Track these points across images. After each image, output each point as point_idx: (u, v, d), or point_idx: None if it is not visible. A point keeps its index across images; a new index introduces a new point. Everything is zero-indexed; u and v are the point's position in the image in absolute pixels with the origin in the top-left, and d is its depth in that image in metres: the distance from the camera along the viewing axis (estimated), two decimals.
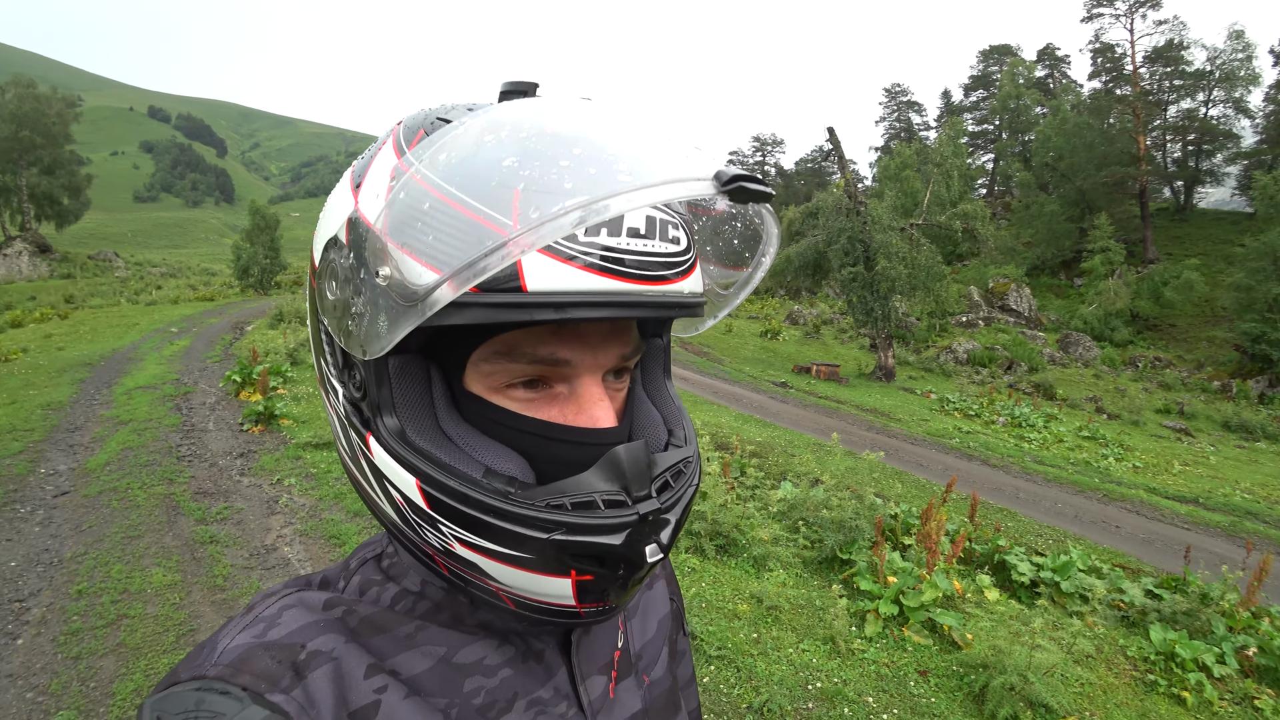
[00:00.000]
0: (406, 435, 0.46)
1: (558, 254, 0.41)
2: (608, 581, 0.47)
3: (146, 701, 0.43)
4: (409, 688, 0.49)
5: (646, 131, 0.43)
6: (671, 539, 0.48)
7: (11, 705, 2.96)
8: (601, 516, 0.45)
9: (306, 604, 0.51)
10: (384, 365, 0.46)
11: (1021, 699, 3.13)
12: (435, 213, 0.39)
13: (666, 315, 0.47)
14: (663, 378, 0.63)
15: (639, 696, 0.63)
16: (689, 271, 0.48)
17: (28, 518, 4.88)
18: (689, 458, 0.54)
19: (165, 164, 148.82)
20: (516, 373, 0.48)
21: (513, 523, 0.44)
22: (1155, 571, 5.65)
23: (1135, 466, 11.23)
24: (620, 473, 0.46)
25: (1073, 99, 37.93)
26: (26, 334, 16.24)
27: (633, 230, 0.43)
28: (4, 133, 35.86)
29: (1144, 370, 23.21)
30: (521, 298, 0.40)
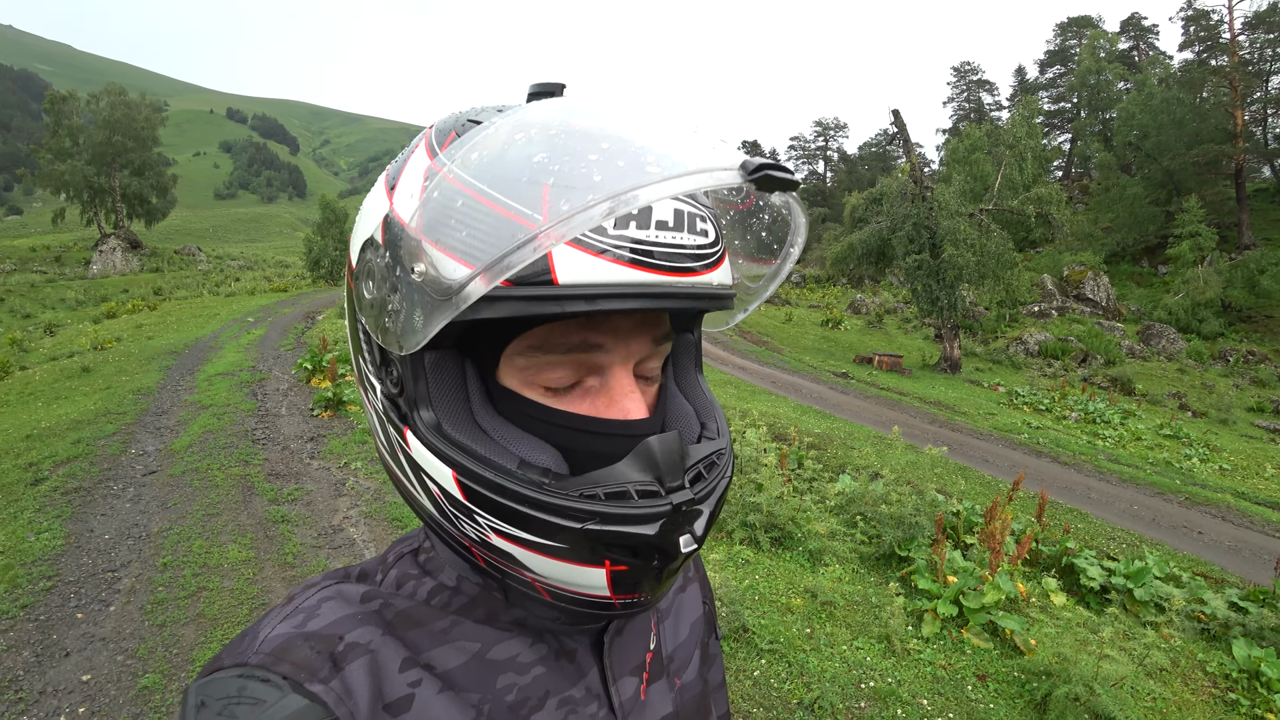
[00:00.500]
0: (443, 428, 0.47)
1: (587, 247, 0.41)
2: (642, 572, 0.47)
3: (191, 686, 0.45)
4: (443, 682, 0.49)
5: (672, 125, 0.44)
6: (705, 530, 0.48)
7: (104, 666, 3.22)
8: (635, 506, 0.45)
9: (345, 596, 0.52)
10: (420, 361, 0.47)
11: (1087, 711, 2.98)
12: (467, 210, 0.40)
13: (695, 307, 0.47)
14: (694, 372, 0.63)
15: (670, 699, 0.63)
16: (717, 264, 0.48)
17: (120, 494, 5.26)
18: (722, 450, 0.54)
19: (242, 162, 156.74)
20: (550, 366, 0.48)
21: (547, 512, 0.45)
22: (1241, 582, 5.28)
23: (1222, 468, 10.50)
24: (654, 463, 0.47)
25: (1161, 72, 35.44)
26: (120, 324, 17.46)
27: (661, 223, 0.44)
28: (98, 138, 38.45)
29: (1235, 365, 21.59)
30: (553, 290, 0.41)
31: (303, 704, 0.43)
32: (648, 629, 0.64)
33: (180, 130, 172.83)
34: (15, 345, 15.45)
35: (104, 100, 39.30)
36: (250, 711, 0.42)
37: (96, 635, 3.45)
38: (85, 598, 3.79)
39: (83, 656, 3.28)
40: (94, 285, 30.53)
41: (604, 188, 0.37)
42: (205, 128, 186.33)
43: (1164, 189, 31.48)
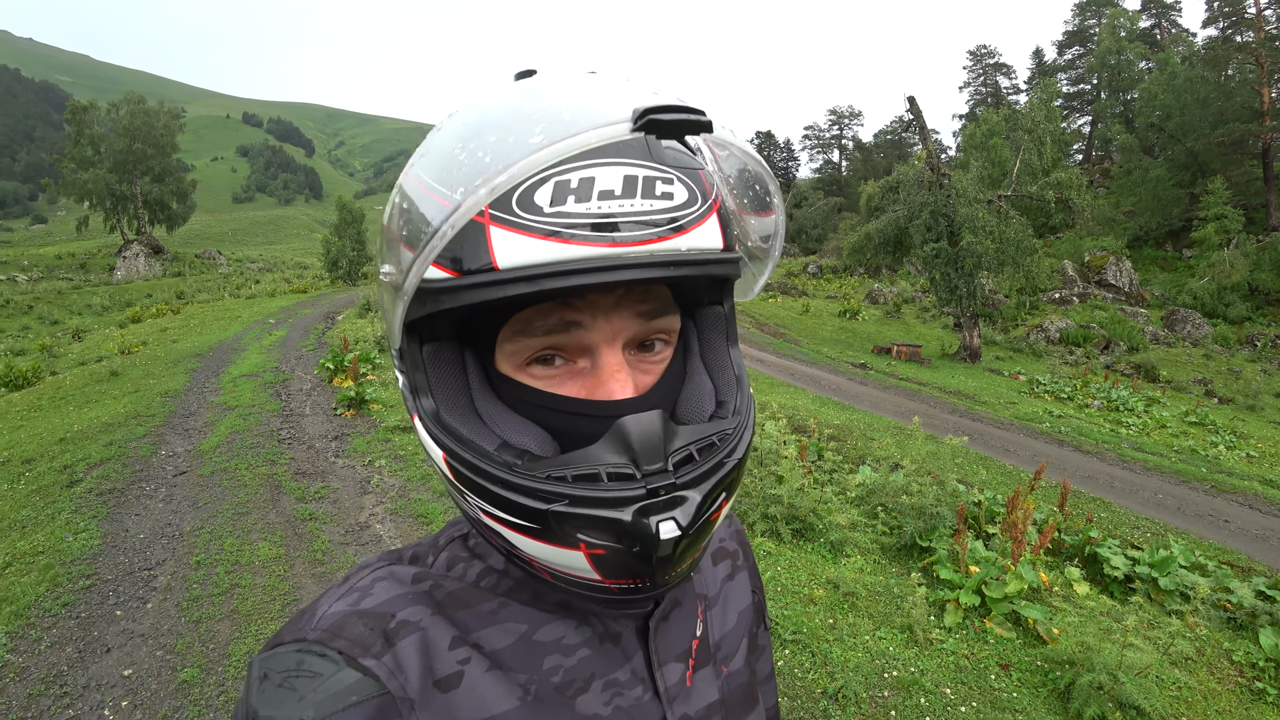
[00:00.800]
0: (440, 415, 0.49)
1: (523, 229, 0.41)
2: (624, 558, 0.45)
3: (255, 659, 0.48)
4: (491, 661, 0.51)
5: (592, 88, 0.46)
6: (695, 518, 0.45)
7: (145, 661, 3.32)
8: (603, 489, 0.44)
9: (397, 577, 0.54)
10: (418, 352, 0.49)
11: (1111, 699, 2.97)
12: (416, 204, 0.45)
13: (661, 276, 0.44)
14: (725, 346, 0.59)
15: (716, 687, 0.62)
16: (690, 226, 0.45)
17: (152, 495, 5.40)
18: (726, 430, 0.51)
19: (259, 166, 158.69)
20: (534, 348, 0.49)
21: (516, 493, 0.45)
22: (1269, 571, 5.21)
23: (1250, 456, 10.32)
24: (627, 445, 0.45)
25: (1184, 50, 34.63)
26: (145, 328, 17.82)
27: (605, 193, 0.42)
28: (119, 146, 39.19)
29: (1263, 350, 21.12)
30: (494, 276, 0.42)
31: (357, 677, 0.45)
32: (694, 616, 0.63)
33: (198, 136, 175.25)
34: (45, 351, 15.84)
35: (123, 109, 40.03)
36: (308, 683, 0.45)
37: (136, 631, 3.56)
38: (124, 595, 3.91)
39: (123, 652, 3.39)
40: (119, 291, 31.16)
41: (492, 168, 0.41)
42: (222, 133, 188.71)
43: (1188, 170, 30.79)
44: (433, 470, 5.78)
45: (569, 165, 0.42)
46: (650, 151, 0.45)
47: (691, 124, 0.40)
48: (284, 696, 0.44)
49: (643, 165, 0.44)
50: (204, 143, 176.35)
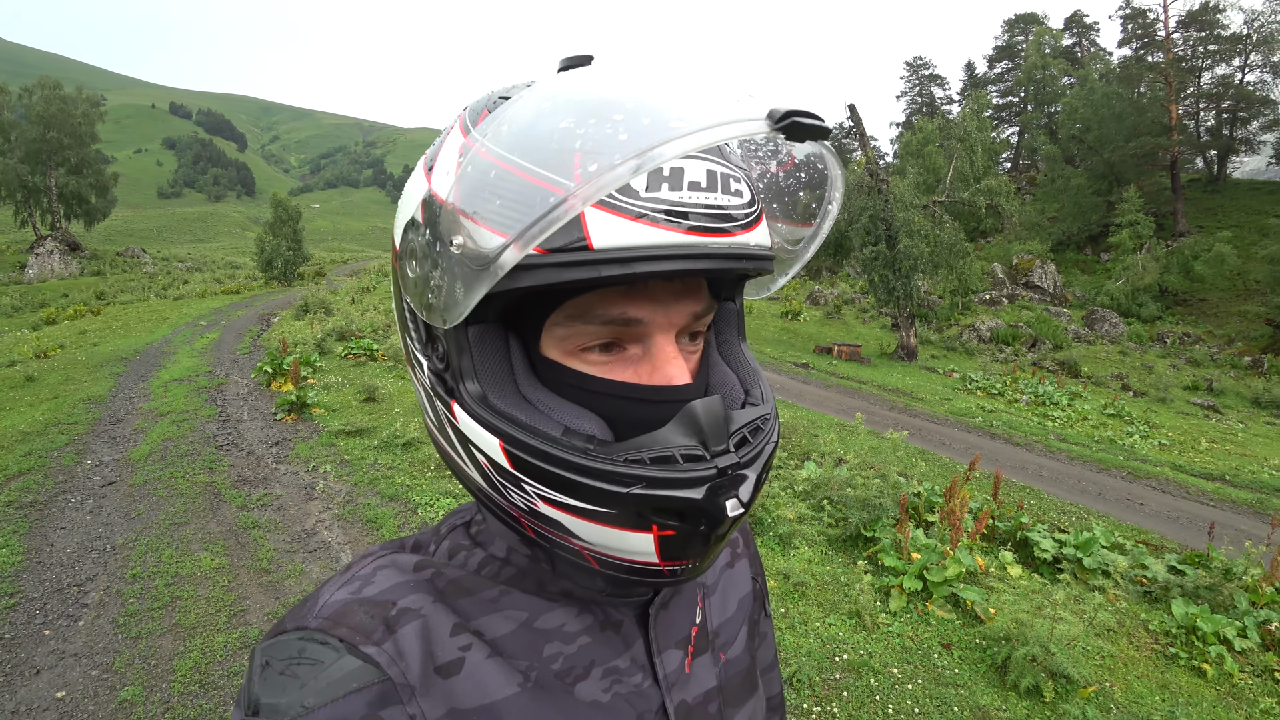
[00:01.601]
0: (488, 399, 0.48)
1: (621, 211, 0.41)
2: (690, 536, 0.47)
3: (257, 647, 0.48)
4: (491, 648, 0.51)
5: (698, 83, 0.44)
6: (753, 495, 0.48)
7: (79, 682, 3.15)
8: (680, 470, 0.45)
9: (399, 565, 0.54)
10: (464, 334, 0.48)
11: (1043, 669, 3.19)
12: (500, 181, 0.42)
13: (733, 268, 0.46)
14: (737, 340, 0.62)
15: (715, 673, 0.63)
16: (754, 225, 0.48)
17: (78, 506, 5.11)
18: (767, 415, 0.54)
19: (187, 160, 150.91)
20: (590, 335, 0.49)
21: (593, 478, 0.45)
22: (1179, 548, 5.64)
23: (1161, 444, 11.10)
24: (698, 428, 0.47)
25: (1101, 68, 36.83)
26: (62, 330, 16.75)
27: (694, 184, 0.44)
28: (32, 134, 36.56)
29: (1172, 346, 22.77)
30: (588, 255, 0.41)
31: (357, 665, 0.46)
32: (693, 603, 0.64)
33: (120, 126, 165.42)
34: None
35: (37, 94, 37.32)
36: (310, 671, 0.45)
37: (68, 651, 3.38)
38: (52, 614, 3.69)
39: (55, 673, 3.21)
40: (31, 290, 29.09)
41: (629, 146, 0.38)
42: (147, 123, 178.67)
43: (1105, 180, 32.78)
44: (380, 475, 5.69)
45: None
46: (722, 150, 0.47)
47: (820, 129, 0.40)
48: (286, 684, 0.45)
49: (720, 162, 0.46)
50: (127, 133, 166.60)
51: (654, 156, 0.36)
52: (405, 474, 5.78)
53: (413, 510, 5.08)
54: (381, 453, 6.31)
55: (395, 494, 5.34)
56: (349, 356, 10.92)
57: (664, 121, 0.39)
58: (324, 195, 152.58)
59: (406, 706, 0.46)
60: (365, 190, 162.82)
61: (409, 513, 5.05)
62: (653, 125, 0.39)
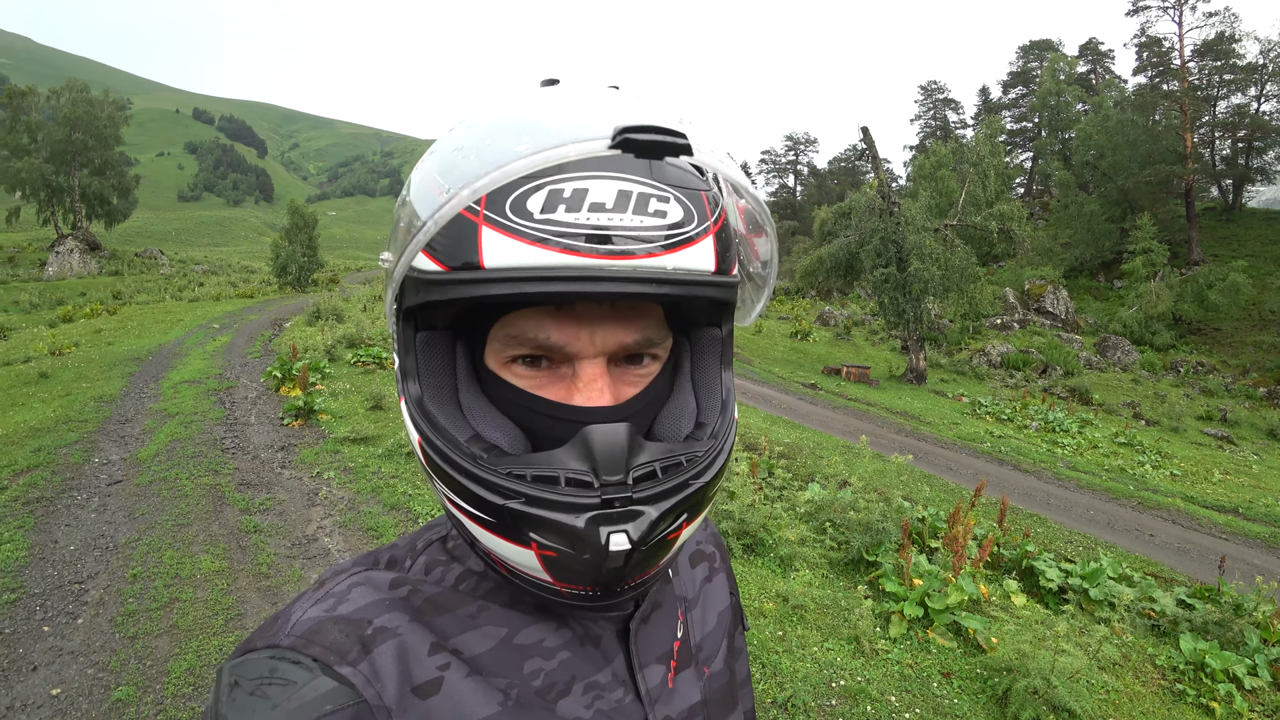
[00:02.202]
0: (422, 401, 0.50)
1: (512, 232, 0.43)
2: (573, 562, 0.46)
3: (225, 665, 0.46)
4: (470, 666, 0.50)
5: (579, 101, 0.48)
6: (648, 534, 0.45)
7: (74, 680, 3.16)
8: (559, 493, 0.45)
9: (374, 582, 0.53)
10: (412, 338, 0.51)
11: (1045, 703, 3.13)
12: (416, 197, 0.48)
13: (643, 292, 0.44)
14: (717, 368, 0.59)
15: (698, 688, 0.62)
16: (680, 247, 0.45)
17: (84, 504, 5.15)
18: (696, 452, 0.51)
19: (208, 164, 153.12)
20: (517, 350, 0.50)
21: (476, 484, 0.46)
22: (1189, 581, 5.55)
23: (1173, 474, 10.96)
24: (589, 453, 0.45)
25: (1116, 95, 36.87)
26: (77, 329, 16.95)
27: (596, 205, 0.43)
28: (58, 135, 37.25)
29: (1185, 375, 22.53)
30: (478, 274, 0.43)
31: (332, 685, 0.44)
32: (675, 617, 0.64)
33: (144, 129, 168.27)
34: None
35: (65, 96, 38.09)
36: (281, 691, 0.44)
37: (65, 649, 3.39)
38: (52, 610, 3.71)
39: (51, 670, 3.22)
40: (49, 288, 29.53)
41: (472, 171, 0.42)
42: (170, 128, 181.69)
43: (1119, 207, 32.71)
44: (383, 483, 5.70)
45: (564, 175, 0.43)
46: (651, 169, 0.45)
47: (668, 145, 0.39)
48: (256, 705, 0.43)
49: (639, 182, 0.44)
50: (150, 137, 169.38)
51: (478, 189, 0.41)
52: (408, 483, 5.78)
53: (414, 520, 5.08)
54: (385, 461, 6.33)
55: (397, 503, 5.34)
56: (358, 364, 10.98)
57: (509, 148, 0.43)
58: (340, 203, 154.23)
59: None
60: (381, 199, 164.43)
61: (410, 522, 5.04)
62: (498, 153, 0.43)
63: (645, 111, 0.45)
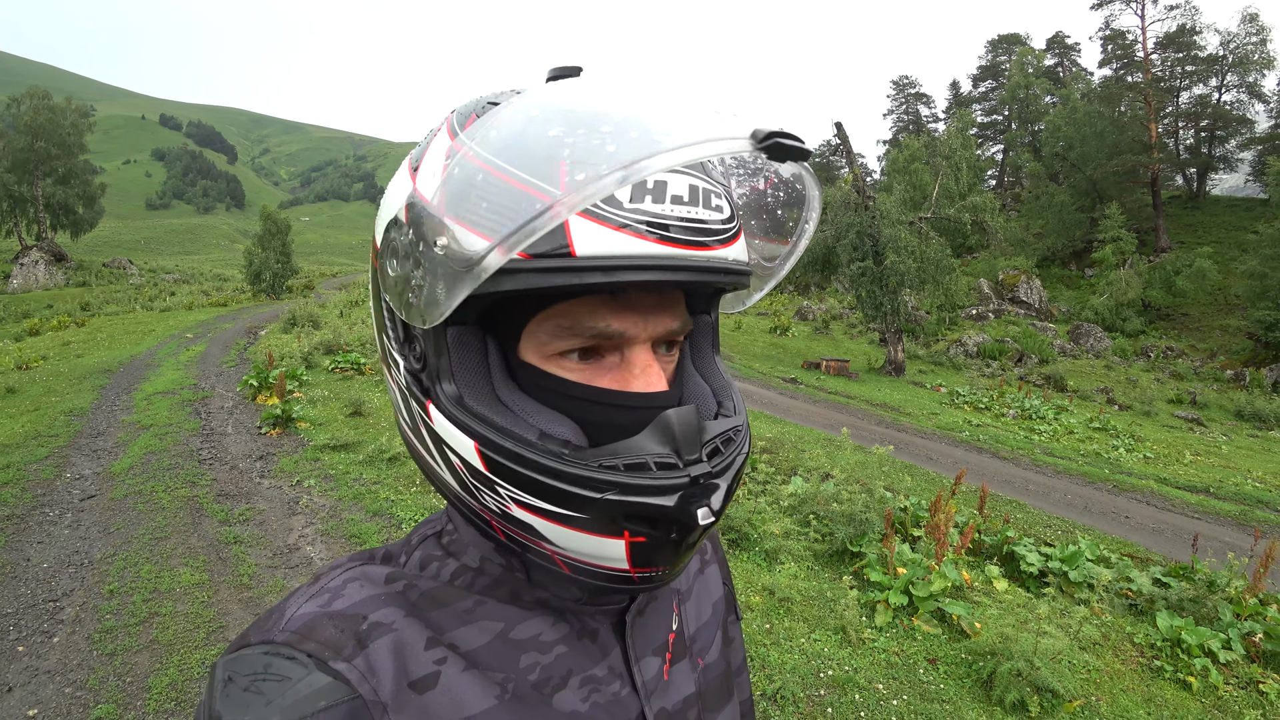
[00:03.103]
0: (464, 401, 0.48)
1: (604, 220, 0.42)
2: (660, 544, 0.48)
3: (219, 661, 0.46)
4: (467, 661, 0.50)
5: (684, 99, 0.45)
6: (723, 504, 0.49)
7: (51, 700, 3.09)
8: (653, 478, 0.46)
9: (369, 577, 0.53)
10: (443, 335, 0.48)
11: (1028, 684, 3.19)
12: (486, 185, 0.42)
13: (712, 281, 0.47)
14: (711, 353, 0.63)
15: (693, 679, 0.63)
16: (733, 239, 0.49)
17: (56, 520, 5.03)
18: (739, 426, 0.55)
19: (177, 171, 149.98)
20: (571, 341, 0.49)
21: (567, 482, 0.45)
22: (1164, 560, 5.68)
23: (1146, 457, 11.19)
24: (671, 436, 0.47)
25: (1083, 87, 37.52)
26: (45, 341, 16.54)
27: (676, 198, 0.45)
28: (20, 144, 36.34)
29: (1156, 360, 23.04)
30: (571, 262, 0.42)
31: (326, 681, 0.44)
32: (670, 609, 0.64)
33: (109, 137, 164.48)
34: None
35: (25, 104, 37.14)
36: (275, 688, 0.43)
37: (41, 668, 3.31)
38: (26, 629, 3.62)
39: (27, 691, 3.14)
40: (14, 300, 28.79)
41: (617, 158, 0.38)
42: (136, 134, 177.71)
43: (1088, 196, 33.30)
44: (365, 490, 5.64)
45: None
46: (704, 166, 0.48)
47: (803, 151, 0.41)
48: (250, 701, 0.43)
49: (701, 177, 0.47)
50: (116, 144, 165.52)
51: (640, 169, 0.37)
52: (390, 489, 5.73)
53: (397, 525, 5.03)
54: (366, 467, 6.26)
55: (380, 509, 5.29)
56: (336, 370, 10.85)
57: (651, 135, 0.40)
58: (314, 208, 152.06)
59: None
60: (355, 204, 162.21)
61: (393, 528, 5.00)
62: (640, 138, 0.40)
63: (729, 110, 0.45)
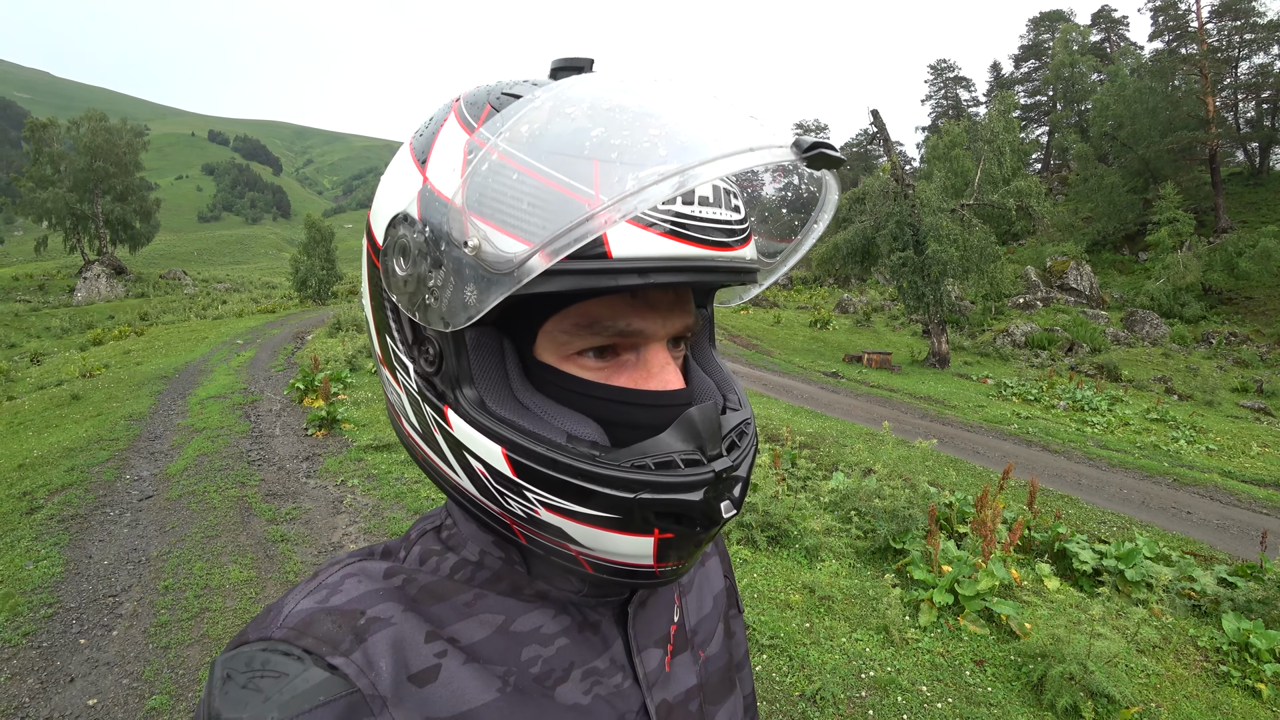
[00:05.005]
0: (486, 405, 0.47)
1: (638, 221, 0.42)
2: (686, 539, 0.48)
3: (218, 659, 0.46)
4: (467, 654, 0.50)
5: (718, 105, 0.45)
6: (742, 496, 0.50)
7: (110, 690, 3.23)
8: (682, 475, 0.46)
9: (367, 573, 0.52)
10: (461, 337, 0.47)
11: (1082, 688, 3.05)
12: (522, 185, 0.40)
13: (733, 281, 0.49)
14: (708, 347, 0.64)
15: (695, 671, 0.63)
16: (749, 240, 0.50)
17: (116, 520, 5.26)
18: (748, 419, 0.56)
19: (225, 184, 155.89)
20: (591, 341, 0.49)
21: (601, 484, 0.45)
22: (1230, 559, 5.39)
23: (1209, 449, 10.67)
24: (695, 433, 0.48)
25: (1132, 63, 35.95)
26: (107, 351, 17.35)
27: (703, 199, 0.45)
28: (80, 164, 38.25)
29: (1218, 347, 21.91)
30: (607, 264, 0.41)
31: (324, 676, 0.44)
32: (671, 602, 0.64)
33: (162, 154, 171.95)
34: (2, 376, 15.32)
35: (84, 126, 39.09)
36: (273, 684, 0.43)
37: (100, 660, 3.46)
38: (87, 623, 3.79)
39: (88, 681, 3.29)
40: (79, 312, 30.27)
41: (668, 164, 0.38)
42: (187, 151, 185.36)
43: (1141, 177, 31.92)
44: (407, 489, 5.74)
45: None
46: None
47: (840, 160, 0.41)
48: (248, 698, 0.43)
49: (721, 179, 0.47)
50: (168, 161, 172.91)
51: (693, 176, 0.37)
52: (431, 488, 5.82)
53: None
54: (408, 467, 6.37)
55: (420, 507, 5.37)
56: None
57: (700, 142, 0.40)
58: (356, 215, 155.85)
59: (378, 718, 0.44)
60: None
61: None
62: (689, 145, 0.39)
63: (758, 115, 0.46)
